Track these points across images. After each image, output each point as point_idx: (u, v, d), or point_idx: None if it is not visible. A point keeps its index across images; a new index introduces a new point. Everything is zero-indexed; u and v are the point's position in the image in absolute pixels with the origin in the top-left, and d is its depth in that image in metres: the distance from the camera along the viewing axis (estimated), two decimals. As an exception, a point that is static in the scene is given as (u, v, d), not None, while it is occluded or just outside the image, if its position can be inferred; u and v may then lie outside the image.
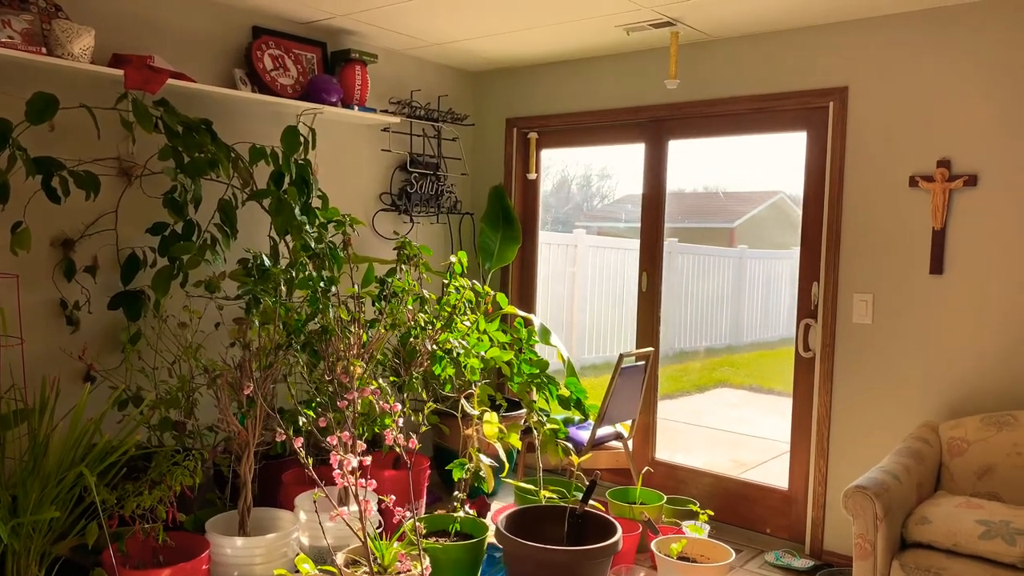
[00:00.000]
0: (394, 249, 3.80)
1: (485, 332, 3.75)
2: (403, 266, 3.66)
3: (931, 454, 3.09)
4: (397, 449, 2.66)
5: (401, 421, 2.75)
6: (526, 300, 4.92)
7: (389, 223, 4.53)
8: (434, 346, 3.60)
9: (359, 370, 2.94)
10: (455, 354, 3.63)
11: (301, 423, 2.86)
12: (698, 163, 4.55)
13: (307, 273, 3.27)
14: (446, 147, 4.81)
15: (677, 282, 6.23)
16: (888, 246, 3.49)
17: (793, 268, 3.84)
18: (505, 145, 4.85)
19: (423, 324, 3.61)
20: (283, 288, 3.18)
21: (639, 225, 4.39)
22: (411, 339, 3.63)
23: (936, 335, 3.38)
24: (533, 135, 4.76)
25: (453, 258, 3.75)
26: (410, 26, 3.93)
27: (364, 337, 3.21)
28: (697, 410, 6.51)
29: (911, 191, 3.43)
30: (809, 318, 3.77)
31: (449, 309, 3.69)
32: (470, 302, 3.75)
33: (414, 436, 2.66)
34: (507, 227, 4.69)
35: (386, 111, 4.39)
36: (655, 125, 4.28)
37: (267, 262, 3.25)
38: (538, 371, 3.84)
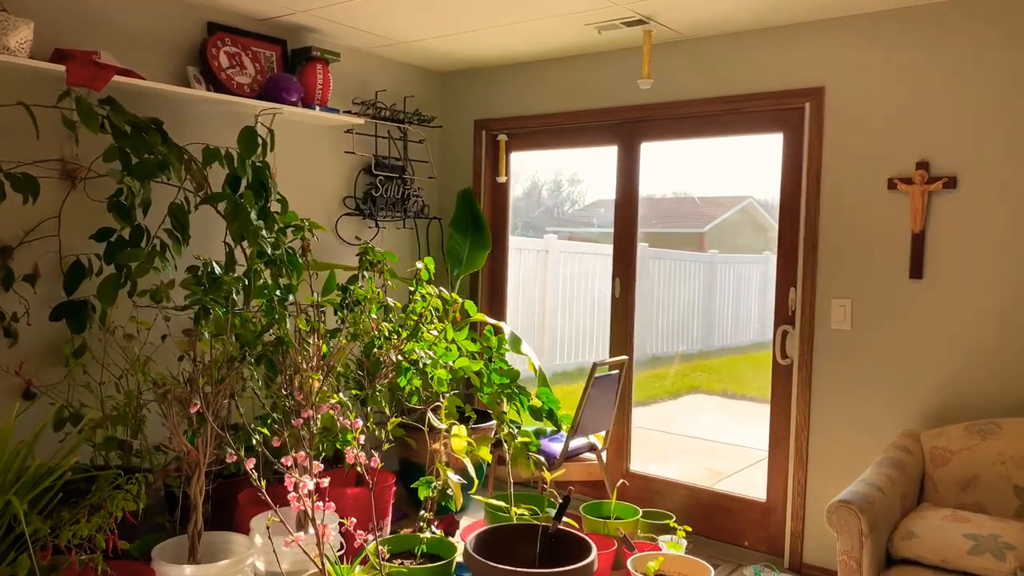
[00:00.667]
0: (356, 255, 3.63)
1: (453, 341, 3.60)
2: (366, 273, 3.50)
3: (914, 464, 3.00)
4: (359, 468, 2.50)
5: (363, 438, 2.59)
6: (496, 307, 4.77)
7: (353, 228, 4.36)
8: (399, 357, 3.44)
9: (316, 385, 2.77)
10: (421, 365, 3.48)
11: (254, 442, 2.68)
12: (668, 167, 4.45)
13: (262, 281, 3.09)
14: (412, 149, 4.65)
15: (648, 287, 6.13)
16: (867, 250, 3.40)
17: (762, 273, 3.75)
18: (474, 147, 4.71)
19: (387, 334, 3.45)
20: (236, 297, 3.00)
21: (611, 230, 4.26)
22: (375, 350, 3.46)
23: (917, 341, 3.30)
24: (502, 137, 4.62)
25: (419, 264, 3.60)
26: (374, 23, 3.78)
27: (324, 348, 3.04)
28: (671, 417, 6.41)
29: (890, 194, 3.34)
30: (787, 324, 3.67)
31: (415, 318, 3.53)
32: (437, 310, 3.60)
33: (375, 455, 2.50)
34: (476, 232, 4.53)
35: (349, 112, 4.22)
36: (628, 127, 4.16)
37: (217, 270, 3.07)
38: (509, 381, 3.70)
